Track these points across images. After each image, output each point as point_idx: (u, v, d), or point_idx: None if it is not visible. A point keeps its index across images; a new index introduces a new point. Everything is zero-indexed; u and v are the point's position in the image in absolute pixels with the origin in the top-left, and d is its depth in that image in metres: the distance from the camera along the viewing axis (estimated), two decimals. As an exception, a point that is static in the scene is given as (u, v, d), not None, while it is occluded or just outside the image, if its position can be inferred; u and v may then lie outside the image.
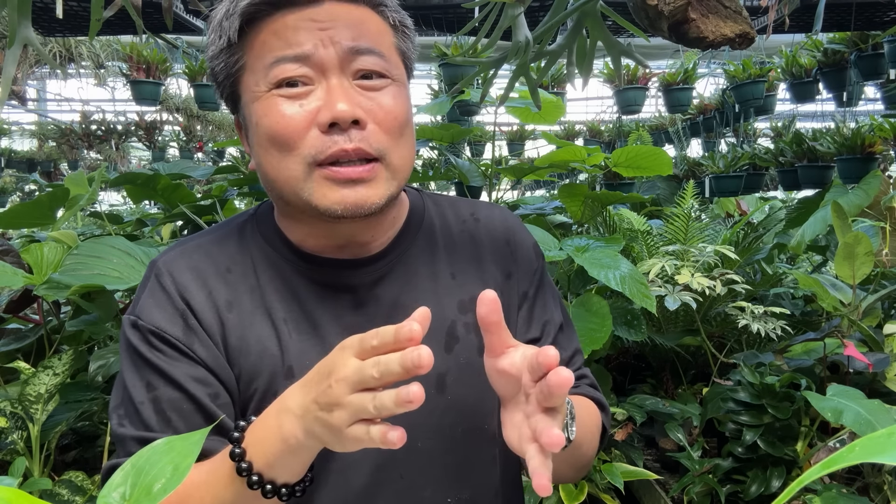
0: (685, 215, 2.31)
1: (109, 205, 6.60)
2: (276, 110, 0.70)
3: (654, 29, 1.01)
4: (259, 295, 0.77)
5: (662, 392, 2.24)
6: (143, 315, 0.74)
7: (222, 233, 0.82)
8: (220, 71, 0.75)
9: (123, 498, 0.43)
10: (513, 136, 5.95)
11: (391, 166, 0.73)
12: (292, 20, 0.70)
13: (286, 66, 0.70)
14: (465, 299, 0.81)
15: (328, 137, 0.69)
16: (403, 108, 0.74)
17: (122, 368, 0.75)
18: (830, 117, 4.78)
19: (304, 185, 0.71)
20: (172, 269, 0.77)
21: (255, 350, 0.75)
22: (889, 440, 0.28)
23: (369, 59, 0.71)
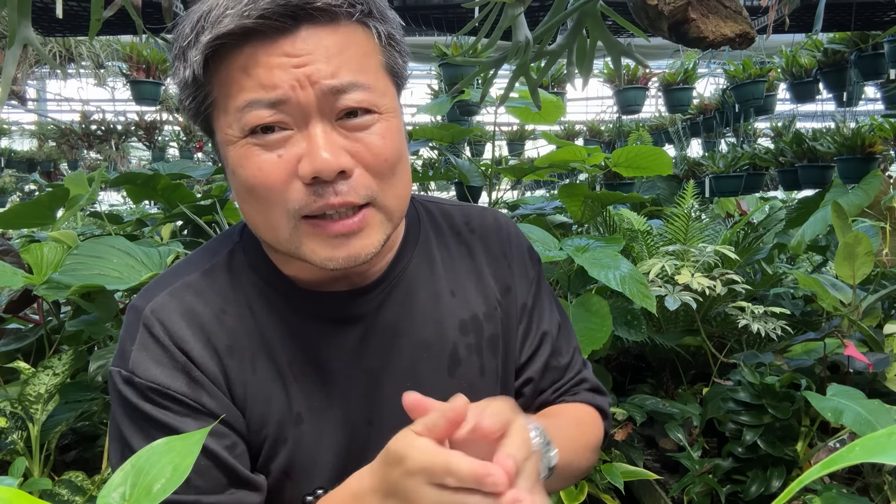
0: (685, 215, 2.31)
1: (109, 205, 6.60)
2: (253, 162, 0.64)
3: (655, 29, 1.01)
4: (258, 337, 0.72)
5: (662, 392, 2.24)
6: (139, 371, 0.67)
7: (209, 266, 0.75)
8: (189, 106, 0.68)
9: (123, 498, 0.43)
10: (513, 136, 5.94)
11: (385, 209, 0.68)
12: (263, 56, 0.61)
13: (260, 112, 0.62)
14: (465, 319, 0.78)
15: (312, 191, 0.63)
16: (393, 146, 0.67)
17: (119, 426, 0.69)
18: (830, 117, 4.78)
19: (290, 239, 0.66)
20: (162, 316, 0.70)
21: (261, 398, 0.71)
22: (889, 440, 0.28)
23: (354, 96, 0.63)
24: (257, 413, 0.70)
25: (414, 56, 5.57)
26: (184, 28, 0.65)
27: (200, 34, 0.62)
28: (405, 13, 2.07)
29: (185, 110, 0.69)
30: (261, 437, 0.71)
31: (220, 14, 0.61)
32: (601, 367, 2.10)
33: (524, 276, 0.85)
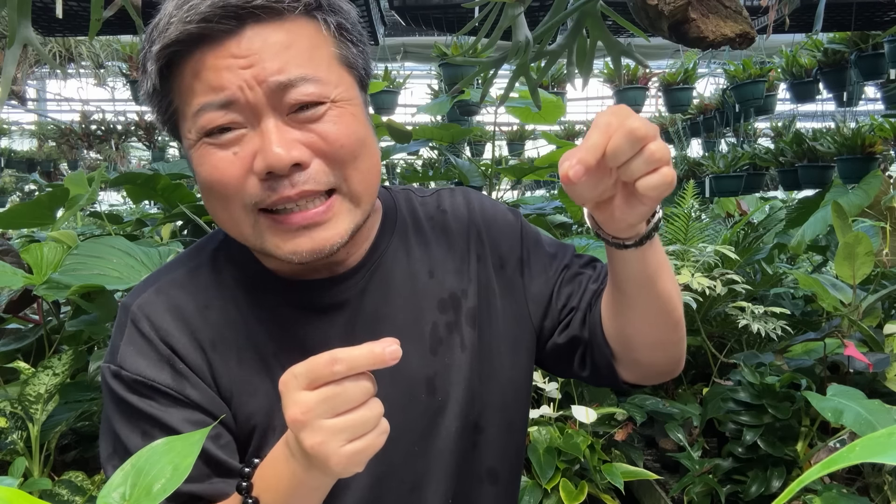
0: (685, 215, 2.32)
1: (109, 205, 6.60)
2: (209, 161, 0.65)
3: (655, 29, 1.01)
4: (243, 330, 0.73)
5: (662, 392, 2.24)
6: (126, 365, 0.70)
7: (194, 264, 0.77)
8: (156, 116, 0.71)
9: (123, 498, 0.43)
10: (513, 136, 5.94)
11: (350, 195, 0.68)
12: (211, 59, 0.63)
13: (211, 114, 0.63)
14: (444, 297, 0.79)
15: (267, 185, 0.64)
16: (350, 130, 0.67)
17: (108, 418, 0.71)
18: (830, 117, 4.78)
19: (253, 234, 0.67)
20: (149, 312, 0.72)
21: (247, 389, 0.72)
22: (889, 440, 0.28)
23: (302, 90, 0.64)
24: (244, 404, 0.72)
25: (414, 56, 5.58)
26: (143, 44, 0.67)
27: (153, 45, 0.64)
28: (405, 13, 2.07)
29: (157, 121, 0.72)
30: (249, 428, 0.72)
31: (167, 23, 0.63)
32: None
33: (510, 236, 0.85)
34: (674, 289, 0.73)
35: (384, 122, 2.14)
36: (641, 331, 0.75)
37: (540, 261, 0.85)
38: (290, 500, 0.60)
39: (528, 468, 1.67)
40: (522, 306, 0.83)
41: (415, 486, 0.76)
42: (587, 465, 1.68)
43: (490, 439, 0.81)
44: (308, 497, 0.60)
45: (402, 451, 0.75)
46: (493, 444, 0.81)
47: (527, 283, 0.84)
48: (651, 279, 0.70)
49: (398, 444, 0.73)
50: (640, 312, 0.73)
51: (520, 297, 0.83)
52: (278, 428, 0.71)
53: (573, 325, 0.82)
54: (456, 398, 0.77)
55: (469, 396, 0.78)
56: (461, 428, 0.78)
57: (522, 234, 0.86)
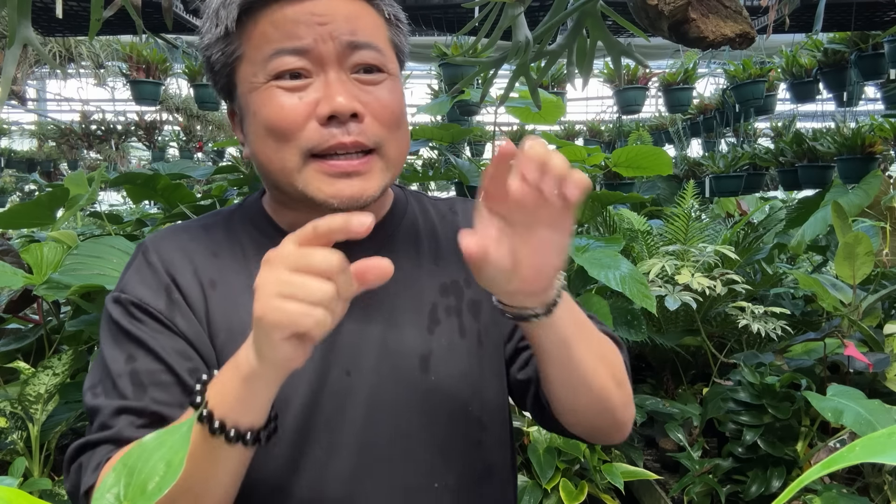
0: (685, 215, 2.32)
1: (109, 205, 6.60)
2: (276, 101, 0.70)
3: (655, 29, 1.01)
4: (247, 275, 0.76)
5: (662, 392, 2.24)
6: (128, 289, 0.74)
7: (209, 221, 0.83)
8: (216, 60, 0.75)
9: (118, 499, 0.43)
10: (513, 136, 5.94)
11: (387, 157, 0.74)
12: (291, 12, 0.70)
13: (286, 58, 0.70)
14: (447, 282, 0.82)
15: (326, 130, 0.70)
16: (399, 102, 0.75)
17: (101, 347, 0.74)
18: (830, 117, 4.78)
19: (298, 177, 0.72)
20: (160, 246, 0.78)
21: (239, 327, 0.74)
22: (889, 440, 0.28)
23: (367, 54, 0.72)
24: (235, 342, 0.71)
25: (414, 56, 5.57)
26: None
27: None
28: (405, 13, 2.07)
29: (210, 67, 0.77)
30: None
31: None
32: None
33: None
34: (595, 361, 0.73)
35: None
36: (564, 397, 0.75)
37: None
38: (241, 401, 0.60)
39: (529, 468, 1.67)
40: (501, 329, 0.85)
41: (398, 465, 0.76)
42: (587, 465, 1.68)
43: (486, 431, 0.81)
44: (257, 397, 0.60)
45: (390, 424, 0.75)
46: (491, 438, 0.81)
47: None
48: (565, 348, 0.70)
49: (386, 416, 0.74)
50: (558, 381, 0.74)
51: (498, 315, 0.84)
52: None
53: (529, 365, 0.83)
54: (451, 381, 0.78)
55: (465, 382, 0.79)
56: (453, 413, 0.78)
57: None
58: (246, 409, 0.60)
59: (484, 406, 0.80)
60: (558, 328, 0.68)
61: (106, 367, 0.72)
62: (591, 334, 0.74)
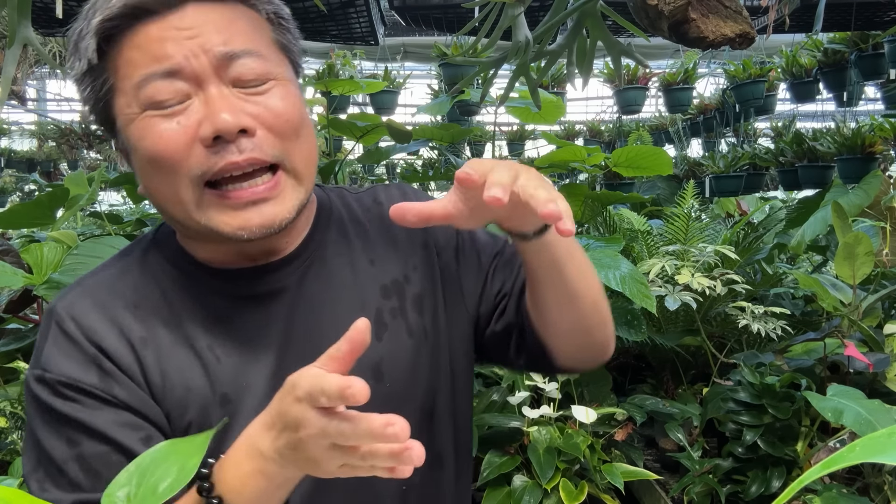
0: (685, 215, 2.31)
1: (109, 205, 6.58)
2: (153, 131, 0.64)
3: (655, 29, 1.01)
4: (175, 326, 0.71)
5: (662, 392, 2.24)
6: (51, 367, 0.67)
7: (121, 265, 0.75)
8: (88, 97, 0.68)
9: (128, 498, 0.43)
10: (513, 136, 5.94)
11: (294, 171, 0.68)
12: (155, 31, 0.63)
13: (157, 84, 0.63)
14: (386, 283, 0.79)
15: (213, 152, 0.63)
16: (295, 107, 0.68)
17: (32, 428, 0.67)
18: (830, 117, 4.77)
19: (199, 212, 0.66)
20: (74, 312, 0.69)
21: (179, 385, 0.69)
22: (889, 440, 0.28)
23: (246, 63, 0.65)
24: (176, 399, 0.69)
25: (414, 56, 5.58)
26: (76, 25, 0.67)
27: (90, 20, 0.64)
28: (405, 13, 2.07)
29: (85, 102, 0.70)
30: (184, 425, 0.70)
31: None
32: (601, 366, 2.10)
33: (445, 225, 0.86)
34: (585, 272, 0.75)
35: (384, 122, 2.14)
36: (558, 316, 0.76)
37: (474, 249, 0.86)
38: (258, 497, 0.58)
39: (528, 468, 1.67)
40: (458, 295, 0.84)
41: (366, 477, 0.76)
42: (587, 465, 1.68)
43: (439, 425, 0.81)
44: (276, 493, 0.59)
45: None
46: (441, 429, 0.81)
47: (462, 272, 0.84)
48: (558, 265, 0.71)
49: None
50: (552, 298, 0.75)
51: (456, 285, 0.84)
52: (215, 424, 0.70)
53: (508, 311, 0.83)
54: (404, 385, 0.77)
55: (417, 382, 0.78)
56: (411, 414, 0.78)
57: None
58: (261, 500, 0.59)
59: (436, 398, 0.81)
60: (551, 249, 0.70)
61: (46, 453, 0.65)
62: (580, 257, 0.75)
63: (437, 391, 0.81)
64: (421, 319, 0.80)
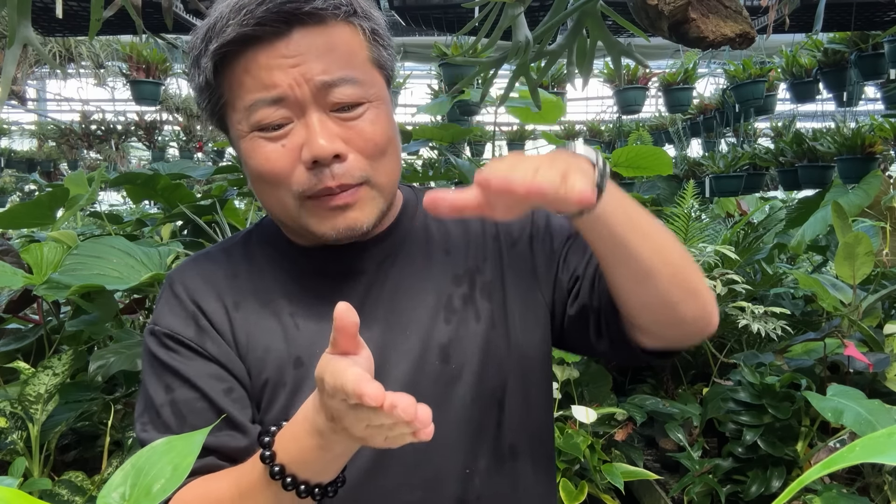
0: (685, 215, 2.32)
1: (109, 205, 6.59)
2: (261, 152, 0.73)
3: (655, 29, 1.01)
4: (264, 294, 0.82)
5: (662, 392, 2.24)
6: (160, 321, 0.80)
7: (228, 245, 0.88)
8: (205, 108, 0.79)
9: (123, 498, 0.43)
10: (513, 136, 5.94)
11: (377, 186, 0.76)
12: (263, 58, 0.71)
13: (265, 110, 0.72)
14: (459, 273, 0.85)
15: (312, 175, 0.72)
16: (383, 129, 0.76)
17: (144, 377, 0.80)
18: (830, 117, 4.77)
19: (297, 214, 0.76)
20: (183, 277, 0.83)
21: (261, 345, 0.79)
22: (889, 440, 0.28)
23: (344, 91, 0.72)
24: (257, 358, 0.79)
25: (414, 56, 5.58)
26: (196, 40, 0.75)
27: (209, 44, 0.72)
28: (405, 13, 2.07)
29: (203, 111, 0.80)
30: (261, 382, 0.79)
31: (224, 24, 0.71)
32: (601, 366, 2.10)
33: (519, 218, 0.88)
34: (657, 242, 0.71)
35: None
36: (634, 294, 0.74)
37: (548, 234, 0.88)
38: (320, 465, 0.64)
39: (528, 468, 1.67)
40: (533, 282, 0.86)
41: (425, 454, 0.78)
42: (587, 465, 1.68)
43: (510, 415, 0.83)
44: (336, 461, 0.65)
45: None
46: (512, 419, 0.83)
47: (536, 258, 0.87)
48: (619, 238, 0.69)
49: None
50: (623, 275, 0.72)
51: (530, 272, 0.87)
52: (289, 384, 0.78)
53: (581, 294, 0.83)
54: (471, 368, 0.80)
55: (485, 367, 0.81)
56: (477, 398, 0.81)
57: (532, 212, 0.89)
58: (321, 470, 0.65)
59: (502, 386, 0.82)
60: (606, 223, 0.67)
61: (149, 397, 0.77)
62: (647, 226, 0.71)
63: (507, 378, 0.83)
64: (490, 306, 0.84)
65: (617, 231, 0.68)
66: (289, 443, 0.65)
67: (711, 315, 0.77)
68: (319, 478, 0.65)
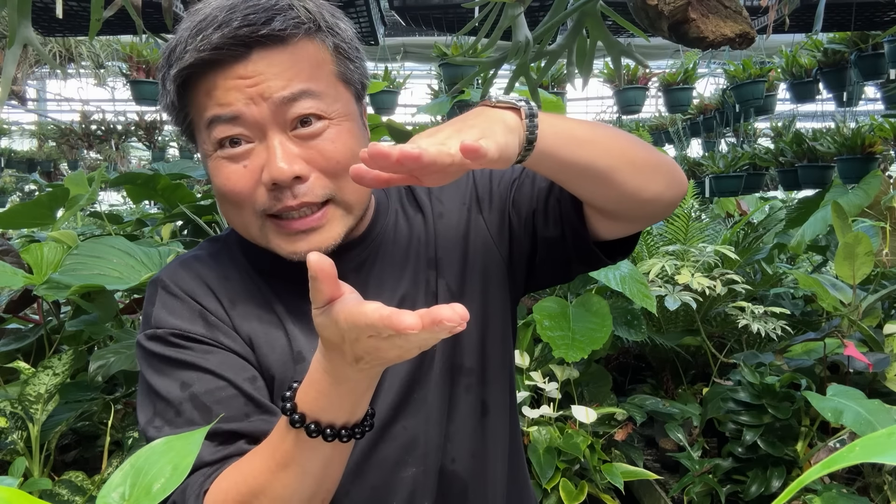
0: (685, 215, 2.32)
1: (109, 205, 6.59)
2: (223, 173, 0.74)
3: (654, 29, 1.01)
4: (259, 295, 0.82)
5: (662, 392, 2.24)
6: (161, 323, 0.77)
7: (212, 249, 0.87)
8: (175, 126, 0.80)
9: (123, 498, 0.43)
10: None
11: (343, 203, 0.76)
12: (221, 80, 0.71)
13: (221, 127, 0.72)
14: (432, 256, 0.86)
15: (273, 195, 0.73)
16: (346, 147, 0.74)
17: (147, 382, 0.76)
18: (830, 117, 4.78)
19: (261, 235, 0.76)
20: (177, 278, 0.81)
21: (264, 340, 0.79)
22: (889, 440, 0.28)
23: (303, 104, 0.71)
24: (264, 356, 0.79)
25: (414, 56, 5.58)
26: (161, 61, 0.76)
27: (170, 68, 0.73)
28: (405, 13, 2.07)
29: (174, 126, 0.81)
30: (268, 378, 0.79)
31: (183, 50, 0.71)
32: (601, 366, 2.10)
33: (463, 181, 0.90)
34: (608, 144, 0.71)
35: (384, 122, 2.14)
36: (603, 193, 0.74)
37: (492, 189, 0.90)
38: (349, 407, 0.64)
39: (529, 468, 1.67)
40: (490, 243, 0.88)
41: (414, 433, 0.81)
42: (587, 465, 1.68)
43: (472, 375, 0.85)
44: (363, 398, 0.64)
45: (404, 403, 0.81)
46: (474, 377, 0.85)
47: (486, 216, 0.88)
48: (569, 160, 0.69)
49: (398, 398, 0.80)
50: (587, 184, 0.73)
51: (483, 231, 0.88)
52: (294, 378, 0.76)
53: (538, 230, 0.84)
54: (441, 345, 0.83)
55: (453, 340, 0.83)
56: (446, 370, 0.83)
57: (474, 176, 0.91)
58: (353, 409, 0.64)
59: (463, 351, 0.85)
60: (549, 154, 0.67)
61: (163, 399, 0.74)
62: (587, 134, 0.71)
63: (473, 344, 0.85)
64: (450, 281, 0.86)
65: (564, 156, 0.68)
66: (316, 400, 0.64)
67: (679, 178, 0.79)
68: (355, 416, 0.64)
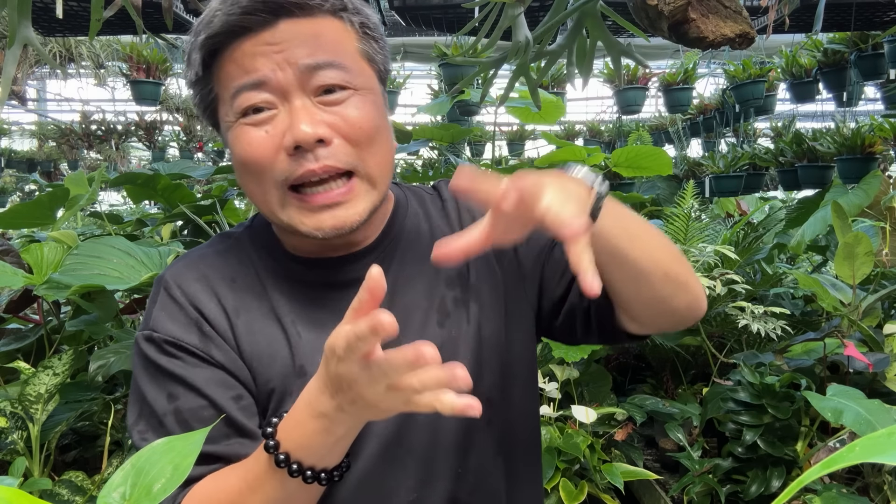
0: (685, 215, 2.32)
1: (109, 205, 6.59)
2: (244, 138, 0.72)
3: (654, 29, 1.01)
4: (265, 301, 0.80)
5: (662, 392, 2.24)
6: (158, 327, 0.76)
7: (222, 246, 0.85)
8: (198, 103, 0.78)
9: (123, 498, 0.43)
10: (513, 136, 5.94)
11: (368, 177, 0.74)
12: (249, 47, 0.71)
13: (247, 94, 0.71)
14: (452, 274, 0.84)
15: (294, 160, 0.71)
16: (370, 116, 0.74)
17: (138, 384, 0.76)
18: (830, 117, 4.78)
19: (282, 211, 0.74)
20: (181, 280, 0.79)
21: (266, 353, 0.77)
22: (889, 440, 0.28)
23: (329, 74, 0.71)
24: (263, 366, 0.77)
25: (414, 56, 5.58)
26: (188, 38, 0.75)
27: (198, 36, 0.72)
28: (405, 13, 2.07)
29: (197, 108, 0.79)
30: (267, 390, 0.77)
31: (212, 17, 0.71)
32: (601, 366, 2.10)
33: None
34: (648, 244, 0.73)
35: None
36: (627, 293, 0.76)
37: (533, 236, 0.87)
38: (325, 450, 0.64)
39: (528, 468, 1.67)
40: (519, 281, 0.87)
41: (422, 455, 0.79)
42: (587, 464, 1.68)
43: (498, 411, 0.83)
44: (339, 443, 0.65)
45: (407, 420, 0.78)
46: (500, 415, 0.84)
47: (521, 259, 0.87)
48: (617, 247, 0.70)
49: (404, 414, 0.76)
50: (618, 279, 0.74)
51: (516, 272, 0.87)
52: (295, 392, 0.75)
53: (571, 294, 0.84)
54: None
55: (475, 368, 0.81)
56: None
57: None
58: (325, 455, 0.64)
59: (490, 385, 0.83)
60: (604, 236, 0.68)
61: (149, 405, 0.74)
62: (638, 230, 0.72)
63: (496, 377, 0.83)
64: (479, 307, 0.84)
65: (613, 243, 0.69)
66: (292, 430, 0.65)
67: (701, 302, 0.83)
68: (325, 462, 0.65)
